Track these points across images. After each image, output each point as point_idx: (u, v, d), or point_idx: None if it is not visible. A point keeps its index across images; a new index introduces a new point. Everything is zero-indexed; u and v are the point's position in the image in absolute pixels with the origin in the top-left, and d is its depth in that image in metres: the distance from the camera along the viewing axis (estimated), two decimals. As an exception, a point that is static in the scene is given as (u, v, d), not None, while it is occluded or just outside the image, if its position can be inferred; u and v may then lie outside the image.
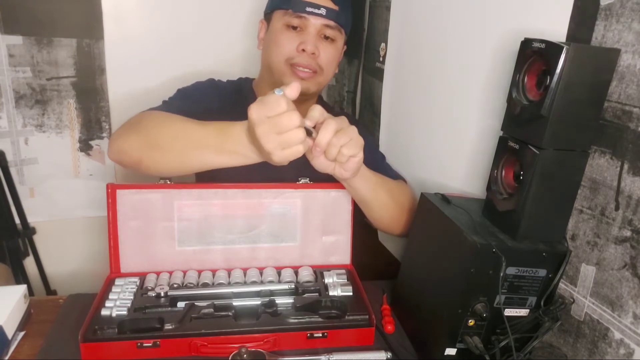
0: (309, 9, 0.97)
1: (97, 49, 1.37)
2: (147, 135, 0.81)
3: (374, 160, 1.07)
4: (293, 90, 0.68)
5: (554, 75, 0.60)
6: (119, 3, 1.35)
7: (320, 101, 1.17)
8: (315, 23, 0.98)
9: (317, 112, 0.74)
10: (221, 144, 0.74)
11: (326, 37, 1.01)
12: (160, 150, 0.79)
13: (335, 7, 0.99)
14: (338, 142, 0.72)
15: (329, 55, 1.02)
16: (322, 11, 0.97)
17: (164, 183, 0.88)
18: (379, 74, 1.25)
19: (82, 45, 1.35)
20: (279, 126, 0.65)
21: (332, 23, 0.99)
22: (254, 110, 0.66)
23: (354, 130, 0.75)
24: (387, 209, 0.92)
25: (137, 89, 1.42)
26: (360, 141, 0.76)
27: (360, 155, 0.77)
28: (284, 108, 0.65)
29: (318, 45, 0.99)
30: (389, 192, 0.92)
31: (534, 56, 0.65)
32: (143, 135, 0.81)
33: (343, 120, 0.76)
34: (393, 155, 1.22)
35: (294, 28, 0.99)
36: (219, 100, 1.04)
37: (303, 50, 0.98)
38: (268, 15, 1.05)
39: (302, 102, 1.06)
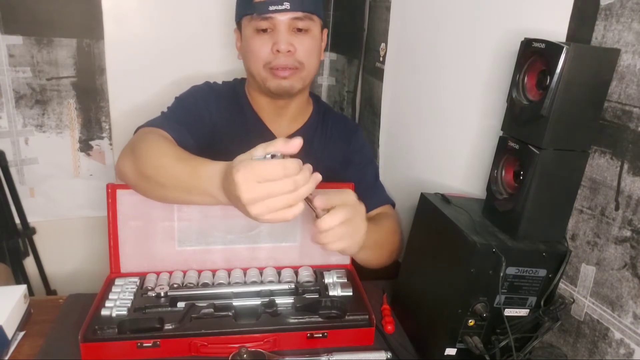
0: (272, 8, 0.92)
1: (97, 49, 1.37)
2: (137, 163, 0.79)
3: (367, 184, 1.07)
4: (290, 147, 0.62)
5: (554, 75, 0.60)
6: (119, 3, 1.35)
7: (317, 101, 1.16)
8: (283, 20, 0.94)
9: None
10: (192, 184, 0.71)
11: (299, 30, 0.97)
12: (147, 180, 0.78)
13: None
14: (335, 234, 0.70)
15: (306, 47, 0.97)
16: (286, 5, 0.92)
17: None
18: (379, 74, 1.25)
19: (82, 45, 1.35)
20: (269, 192, 0.60)
21: (299, 14, 0.94)
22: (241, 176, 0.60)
23: (358, 230, 0.73)
24: (372, 262, 0.95)
25: (137, 89, 1.42)
26: (357, 244, 0.74)
27: (351, 250, 0.76)
28: (280, 175, 0.60)
29: (292, 41, 0.95)
30: (379, 249, 0.93)
31: (534, 56, 0.65)
32: (135, 162, 0.80)
33: (357, 209, 0.73)
34: (393, 155, 1.22)
35: (264, 31, 0.95)
36: (217, 103, 1.03)
37: (278, 51, 0.95)
38: (239, 24, 1.02)
39: (291, 99, 1.05)
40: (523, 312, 0.70)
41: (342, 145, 1.12)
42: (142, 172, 0.78)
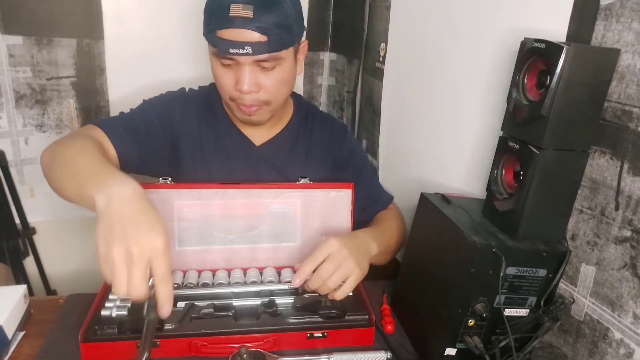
0: (232, 50, 0.82)
1: (97, 49, 1.37)
2: (54, 157, 0.82)
3: (364, 188, 1.03)
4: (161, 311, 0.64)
5: (554, 75, 0.60)
6: (119, 3, 1.35)
7: (299, 102, 1.08)
8: (245, 61, 0.84)
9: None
10: (91, 178, 0.73)
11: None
12: (54, 172, 0.81)
13: (263, 39, 0.82)
14: (321, 277, 0.77)
15: (273, 82, 0.88)
16: (248, 49, 0.82)
17: (164, 183, 0.89)
18: (379, 74, 1.25)
19: (82, 45, 1.35)
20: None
21: (264, 56, 0.84)
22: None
23: (342, 259, 0.79)
24: (383, 261, 0.98)
25: (137, 89, 1.42)
26: (349, 271, 0.79)
27: (352, 280, 0.80)
28: (120, 277, 0.60)
29: (257, 78, 0.87)
30: (389, 252, 0.98)
31: (534, 56, 0.65)
32: (52, 156, 0.82)
33: (328, 247, 0.79)
34: (393, 155, 1.22)
35: (228, 64, 0.87)
36: (189, 111, 1.00)
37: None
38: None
39: (270, 118, 0.97)
40: (523, 312, 0.70)
41: (332, 149, 1.05)
42: (52, 166, 0.81)
